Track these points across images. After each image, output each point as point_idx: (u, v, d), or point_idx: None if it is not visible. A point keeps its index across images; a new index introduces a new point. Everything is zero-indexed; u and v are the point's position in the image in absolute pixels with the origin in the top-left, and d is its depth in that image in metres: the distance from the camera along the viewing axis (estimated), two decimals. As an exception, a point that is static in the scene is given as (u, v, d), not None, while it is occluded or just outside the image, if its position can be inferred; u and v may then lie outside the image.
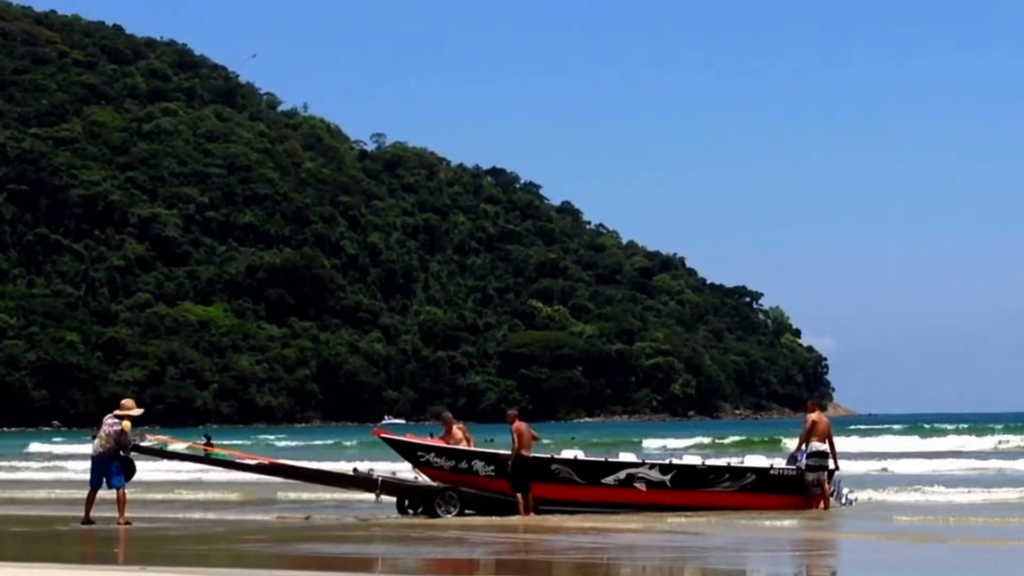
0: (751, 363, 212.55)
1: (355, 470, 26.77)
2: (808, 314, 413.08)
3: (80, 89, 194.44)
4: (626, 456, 26.91)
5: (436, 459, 25.36)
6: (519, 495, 24.73)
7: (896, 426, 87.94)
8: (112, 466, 23.42)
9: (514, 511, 24.86)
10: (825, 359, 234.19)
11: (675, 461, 26.15)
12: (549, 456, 25.61)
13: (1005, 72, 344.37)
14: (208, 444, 26.35)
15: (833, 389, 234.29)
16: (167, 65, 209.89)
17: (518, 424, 25.07)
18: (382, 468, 28.27)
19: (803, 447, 25.43)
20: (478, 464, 25.30)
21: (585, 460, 25.73)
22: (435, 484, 25.33)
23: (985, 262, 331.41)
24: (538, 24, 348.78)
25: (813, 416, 25.51)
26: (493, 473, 25.13)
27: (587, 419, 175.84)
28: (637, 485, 25.11)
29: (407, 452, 25.97)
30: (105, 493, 23.73)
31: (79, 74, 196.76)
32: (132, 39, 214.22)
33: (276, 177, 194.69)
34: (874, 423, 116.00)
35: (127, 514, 23.40)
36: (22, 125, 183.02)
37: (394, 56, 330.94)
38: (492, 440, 45.12)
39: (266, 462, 27.50)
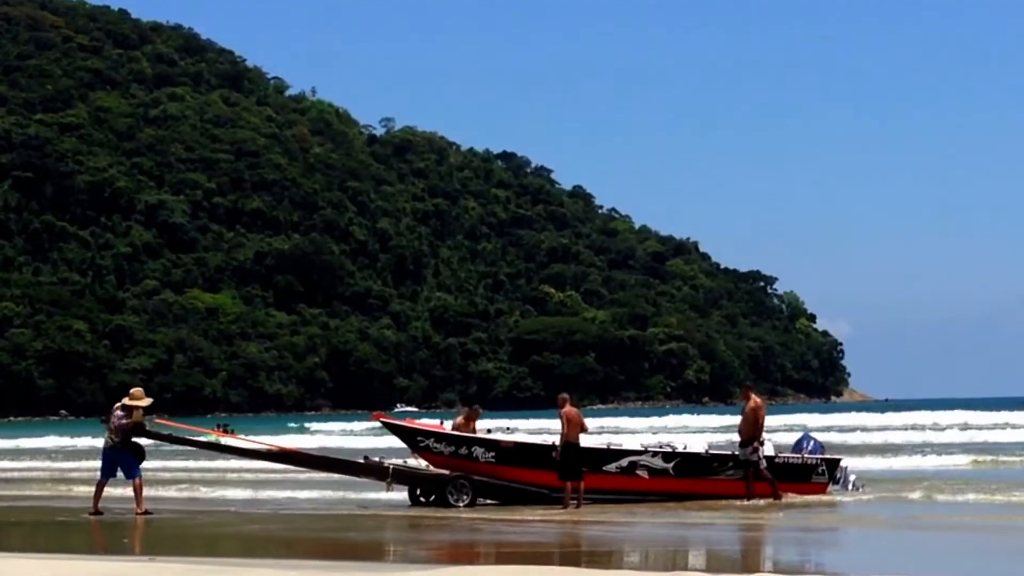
0: (766, 348, 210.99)
1: (366, 458, 26.47)
2: (823, 298, 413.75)
3: (85, 74, 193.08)
4: (629, 443, 26.65)
5: (436, 444, 24.98)
6: (568, 484, 23.94)
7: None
8: (126, 458, 23.16)
9: (524, 501, 24.52)
10: (840, 344, 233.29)
11: (678, 449, 25.59)
12: (551, 444, 24.87)
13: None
14: (222, 430, 26.09)
15: (849, 374, 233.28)
16: (173, 50, 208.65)
17: (567, 409, 24.05)
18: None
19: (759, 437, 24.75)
20: (478, 450, 24.89)
21: (587, 447, 24.96)
22: (446, 472, 24.91)
23: (1002, 245, 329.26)
24: (549, 8, 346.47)
25: (760, 401, 25.09)
26: (494, 459, 24.79)
27: (600, 406, 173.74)
28: (640, 473, 24.85)
29: (407, 437, 25.50)
30: (111, 488, 23.55)
31: (84, 59, 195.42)
32: (138, 23, 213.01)
33: (284, 162, 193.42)
34: (891, 408, 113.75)
35: (145, 504, 23.04)
36: (27, 111, 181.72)
37: (403, 39, 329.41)
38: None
39: (276, 449, 27.26)
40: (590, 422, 26.80)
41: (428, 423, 26.51)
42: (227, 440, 25.98)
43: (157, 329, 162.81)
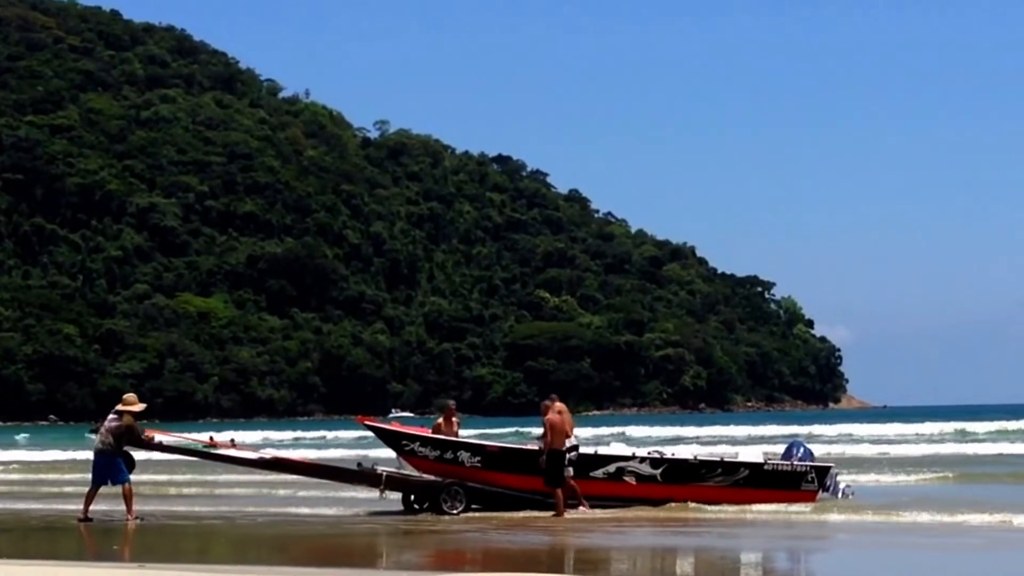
0: (763, 354, 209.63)
1: (359, 464, 26.57)
2: (821, 304, 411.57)
3: (76, 76, 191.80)
4: (617, 448, 26.67)
5: (421, 448, 24.88)
6: (556, 491, 23.91)
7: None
8: (116, 462, 23.16)
9: (517, 507, 24.46)
10: (839, 350, 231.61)
11: (666, 455, 25.82)
12: (537, 448, 24.76)
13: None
14: (211, 442, 26.01)
15: (847, 380, 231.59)
16: (165, 51, 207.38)
17: (550, 416, 24.10)
18: None
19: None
20: (464, 455, 24.78)
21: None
22: (440, 480, 24.80)
23: (1003, 251, 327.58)
24: (545, 10, 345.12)
25: (561, 406, 24.65)
26: (479, 464, 24.71)
27: (596, 412, 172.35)
28: (627, 479, 24.76)
29: (391, 440, 25.39)
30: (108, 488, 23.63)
31: (75, 60, 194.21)
32: (129, 24, 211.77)
33: (277, 165, 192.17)
34: (887, 415, 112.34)
35: (135, 511, 23.22)
36: (17, 112, 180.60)
37: (398, 41, 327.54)
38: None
39: (268, 457, 27.08)
40: (587, 430, 26.44)
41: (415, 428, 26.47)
42: (219, 449, 25.86)
43: (148, 333, 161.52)
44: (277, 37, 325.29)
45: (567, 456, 24.06)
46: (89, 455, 24.76)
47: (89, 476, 23.98)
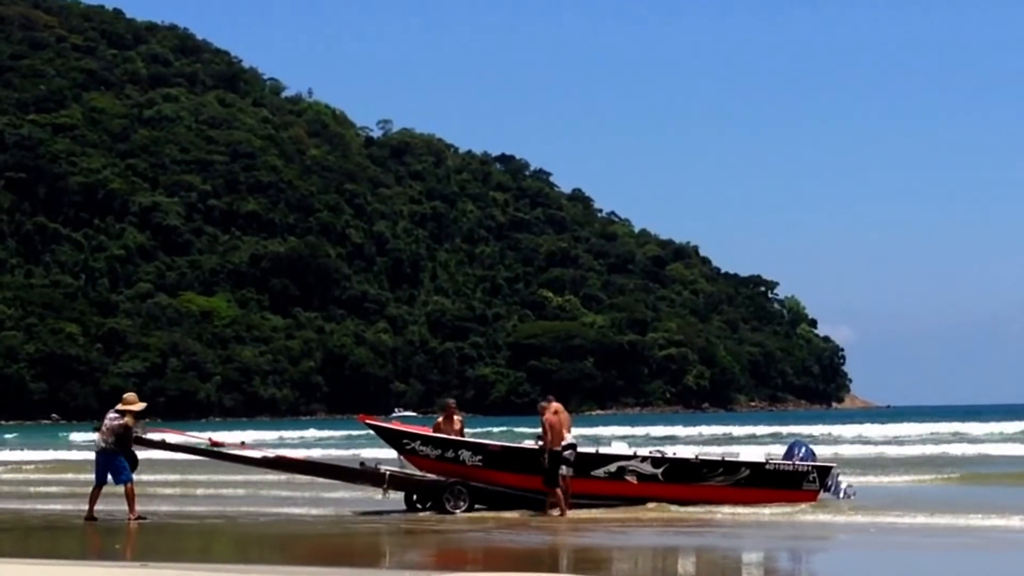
0: (766, 354, 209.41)
1: (362, 464, 26.52)
2: (825, 304, 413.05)
3: (79, 75, 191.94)
4: (618, 447, 26.28)
5: (422, 447, 24.74)
6: (557, 492, 23.75)
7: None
8: (118, 462, 23.01)
9: (519, 506, 24.28)
10: (842, 349, 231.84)
11: (668, 454, 25.65)
12: (539, 447, 24.54)
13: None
14: (212, 442, 25.97)
15: (850, 380, 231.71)
16: (168, 50, 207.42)
17: (547, 417, 24.05)
18: None
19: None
20: (465, 454, 24.68)
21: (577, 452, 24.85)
22: (444, 479, 24.70)
23: (1003, 251, 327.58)
24: (547, 9, 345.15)
25: (558, 406, 24.60)
26: (480, 463, 24.59)
27: (599, 412, 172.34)
28: (628, 478, 24.60)
29: (392, 439, 25.27)
30: (109, 488, 23.51)
31: (78, 59, 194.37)
32: (132, 23, 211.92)
33: (280, 164, 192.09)
34: (890, 415, 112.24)
35: (138, 509, 23.13)
36: (20, 111, 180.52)
37: (401, 40, 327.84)
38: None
39: (271, 456, 27.09)
40: (590, 430, 26.33)
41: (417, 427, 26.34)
42: (221, 448, 25.82)
43: (151, 332, 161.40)
44: (280, 36, 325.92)
45: (564, 455, 23.94)
46: (76, 455, 24.71)
47: (84, 476, 23.92)
